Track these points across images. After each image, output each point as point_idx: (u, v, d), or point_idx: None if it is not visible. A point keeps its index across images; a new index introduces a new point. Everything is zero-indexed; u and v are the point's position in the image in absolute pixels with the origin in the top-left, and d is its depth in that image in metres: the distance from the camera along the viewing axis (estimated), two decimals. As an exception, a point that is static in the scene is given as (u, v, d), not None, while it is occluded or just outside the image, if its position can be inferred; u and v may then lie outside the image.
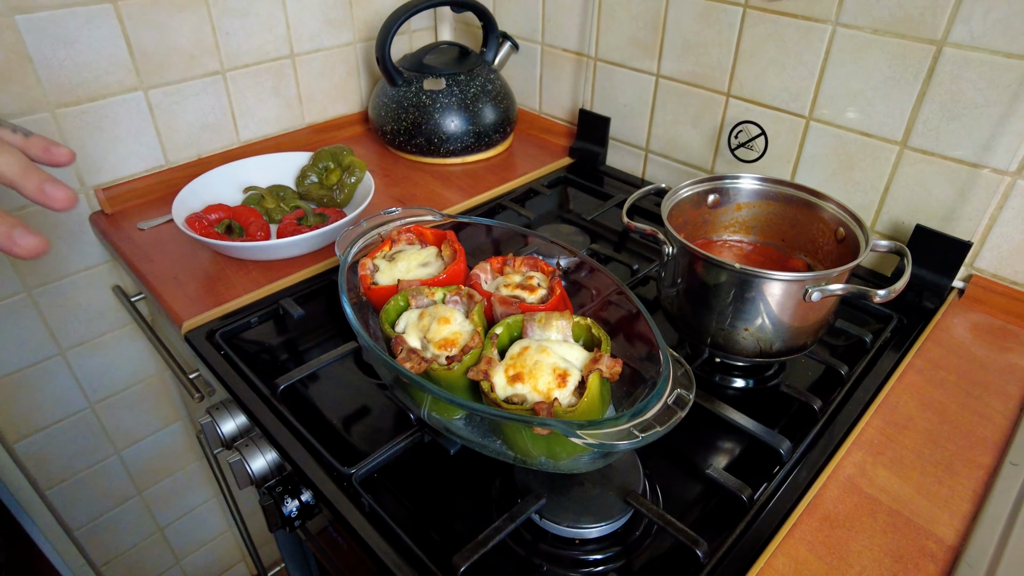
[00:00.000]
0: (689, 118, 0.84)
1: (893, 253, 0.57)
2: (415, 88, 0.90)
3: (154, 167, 0.87)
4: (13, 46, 0.72)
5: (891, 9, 0.64)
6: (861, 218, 0.58)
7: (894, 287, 0.51)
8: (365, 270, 0.57)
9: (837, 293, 0.52)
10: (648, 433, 0.40)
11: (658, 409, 0.41)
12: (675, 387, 0.43)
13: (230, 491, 0.86)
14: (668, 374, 0.43)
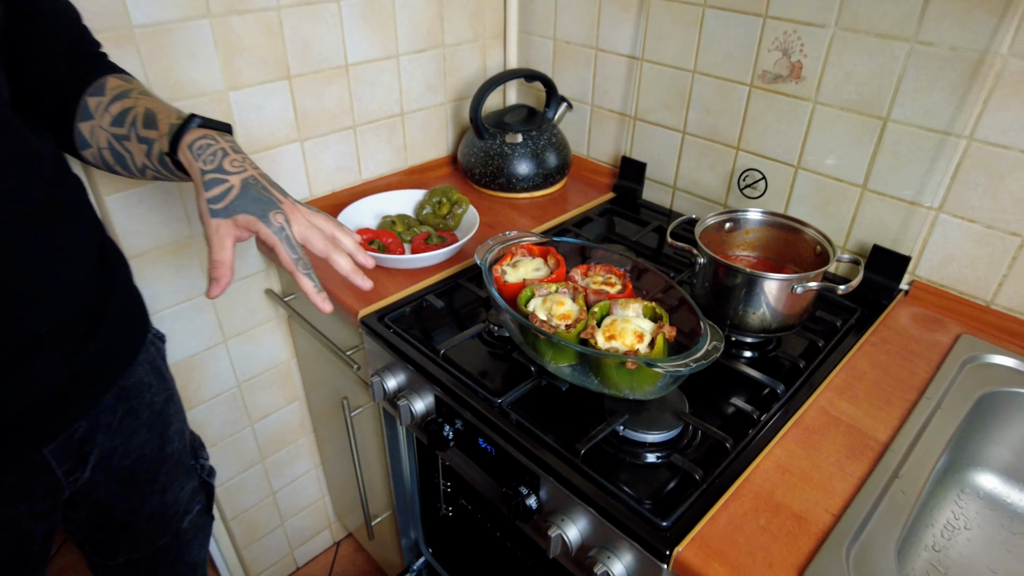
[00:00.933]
0: (708, 164, 1.13)
1: (852, 263, 0.85)
2: (499, 141, 1.19)
3: (302, 198, 1.15)
4: (225, 113, 1.00)
5: (853, 94, 0.92)
6: (831, 239, 0.86)
7: (851, 284, 0.79)
8: (497, 272, 0.84)
9: (812, 288, 0.80)
10: (697, 364, 0.67)
11: (704, 352, 0.68)
12: (713, 339, 0.70)
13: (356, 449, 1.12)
14: (707, 330, 0.71)
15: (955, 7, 0.80)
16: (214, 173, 0.59)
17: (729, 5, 1.00)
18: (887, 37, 0.87)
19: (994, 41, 0.79)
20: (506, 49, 1.32)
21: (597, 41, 1.19)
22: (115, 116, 0.62)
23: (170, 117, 0.62)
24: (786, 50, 0.97)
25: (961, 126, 0.85)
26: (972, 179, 0.86)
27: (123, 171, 0.66)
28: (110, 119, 0.62)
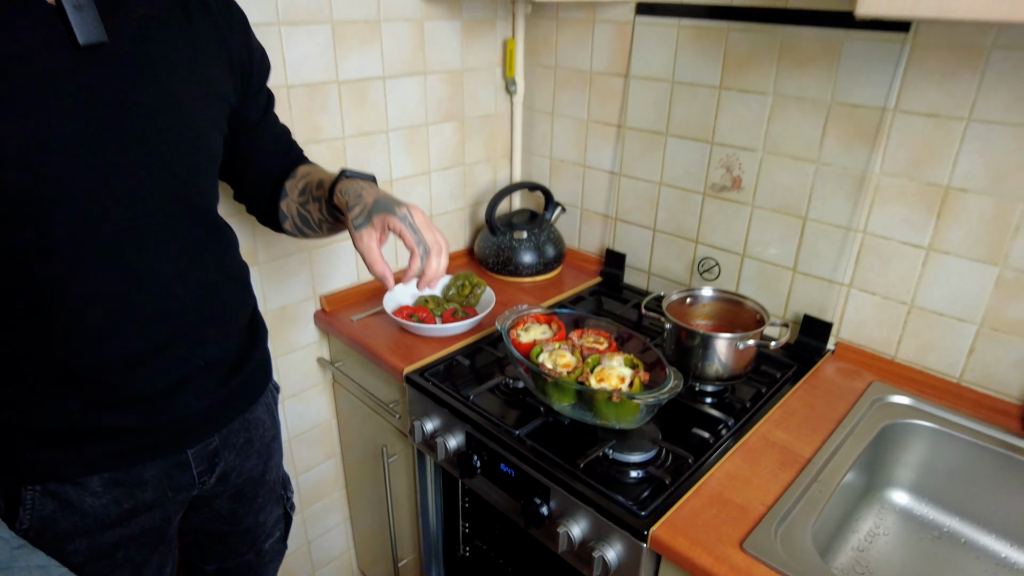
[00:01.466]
0: (674, 254, 1.42)
1: (783, 326, 1.12)
2: (508, 237, 1.48)
3: (352, 283, 1.42)
4: (297, 218, 1.29)
5: (780, 200, 1.22)
6: (768, 309, 1.13)
7: (780, 341, 1.06)
8: (513, 335, 1.10)
9: (752, 344, 1.06)
10: (663, 397, 0.92)
11: (668, 388, 0.94)
12: (675, 380, 0.96)
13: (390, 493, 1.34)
14: (671, 374, 0.96)
15: (841, 140, 1.12)
16: (354, 201, 0.81)
17: (684, 134, 1.32)
18: (799, 159, 1.18)
19: (870, 163, 1.10)
20: (512, 166, 1.64)
21: (585, 160, 1.52)
22: (300, 190, 0.89)
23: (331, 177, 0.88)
24: (729, 167, 1.28)
25: (857, 223, 1.14)
26: (869, 262, 1.15)
27: (308, 231, 0.93)
28: (297, 193, 0.89)
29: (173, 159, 0.72)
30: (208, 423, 0.83)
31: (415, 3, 1.32)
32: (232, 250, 0.85)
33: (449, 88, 1.45)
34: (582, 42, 1.42)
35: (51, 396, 0.70)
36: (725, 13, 1.18)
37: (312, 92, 1.21)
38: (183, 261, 0.75)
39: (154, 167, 0.70)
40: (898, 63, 1.03)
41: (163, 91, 0.69)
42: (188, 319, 0.77)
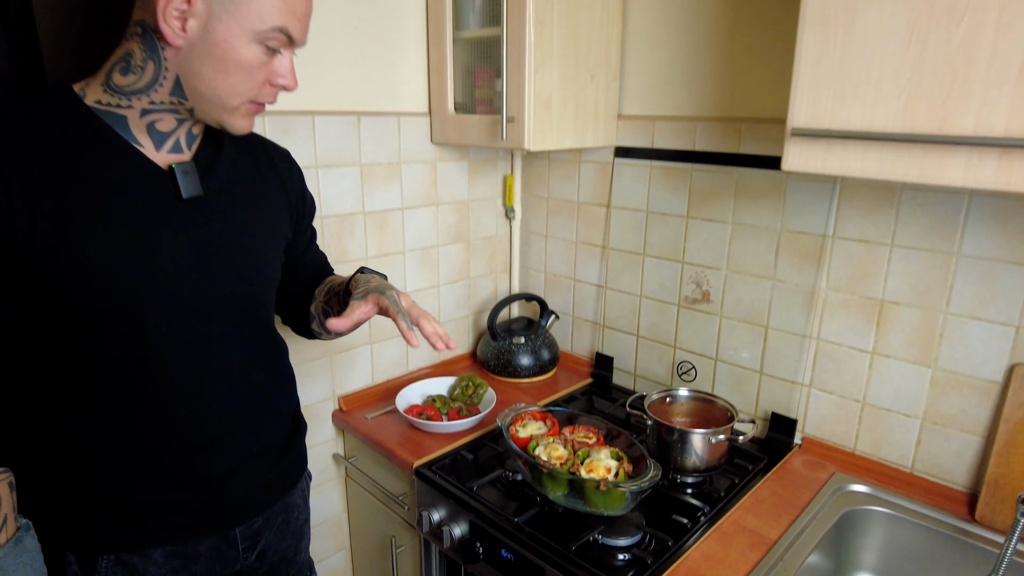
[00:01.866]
0: (656, 358, 1.58)
1: (750, 422, 1.26)
2: (507, 342, 1.65)
3: (367, 385, 1.58)
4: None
5: (744, 311, 1.41)
6: (736, 407, 1.28)
7: (747, 435, 1.20)
8: (513, 431, 1.25)
9: (723, 439, 1.21)
10: (644, 485, 1.05)
11: (649, 477, 1.07)
12: (655, 470, 1.09)
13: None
14: (651, 465, 1.10)
15: (792, 261, 1.32)
16: (362, 286, 0.93)
17: (659, 255, 1.52)
18: (758, 276, 1.37)
19: (818, 280, 1.29)
20: (511, 279, 1.85)
21: (575, 274, 1.72)
22: (325, 291, 1.05)
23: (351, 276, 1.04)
24: (698, 283, 1.47)
25: (811, 331, 1.32)
26: (825, 365, 1.31)
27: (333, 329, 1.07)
28: (323, 294, 1.06)
29: (245, 284, 0.91)
30: (254, 504, 0.96)
31: (430, 149, 1.57)
32: (283, 356, 1.02)
33: (457, 215, 1.67)
34: (570, 178, 1.66)
35: (132, 475, 0.84)
36: (688, 157, 1.42)
37: (342, 221, 1.43)
38: (246, 364, 0.92)
39: (231, 290, 0.88)
40: (832, 199, 1.25)
41: (240, 232, 0.90)
42: (247, 412, 0.92)
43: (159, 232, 0.80)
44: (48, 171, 0.73)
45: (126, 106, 0.79)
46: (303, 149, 1.32)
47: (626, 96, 1.52)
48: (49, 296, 0.75)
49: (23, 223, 0.71)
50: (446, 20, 1.45)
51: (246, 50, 0.77)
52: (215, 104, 0.80)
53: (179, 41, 0.76)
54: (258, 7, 0.76)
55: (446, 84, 1.49)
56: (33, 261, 0.73)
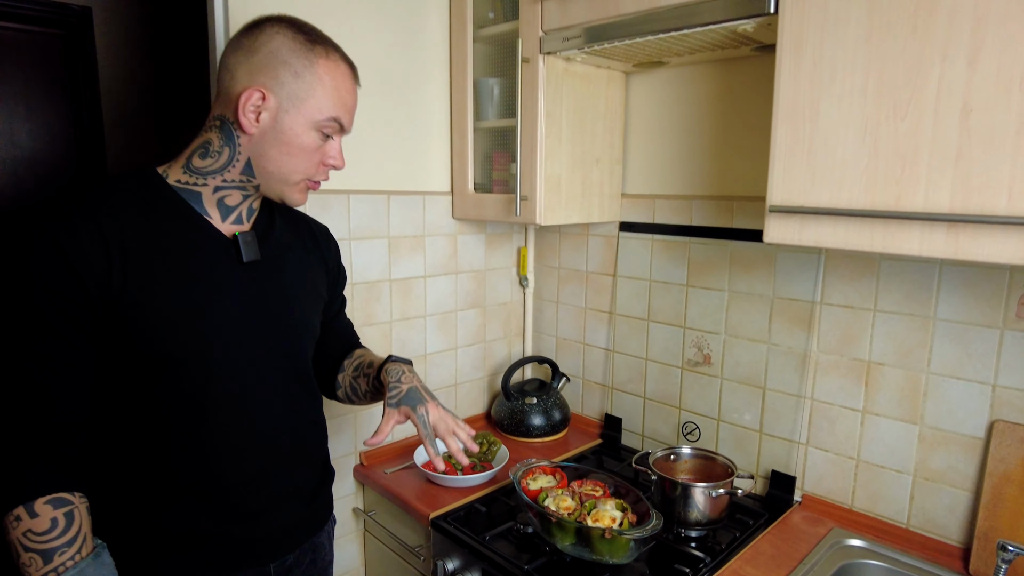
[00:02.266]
0: (662, 419, 1.67)
1: (749, 477, 1.33)
2: (521, 403, 1.75)
3: (387, 441, 1.67)
4: (348, 386, 1.57)
5: (743, 373, 1.50)
6: (736, 463, 1.35)
7: (746, 489, 1.27)
8: (524, 483, 1.33)
9: (723, 493, 1.28)
10: (646, 532, 1.12)
11: (651, 526, 1.14)
12: (656, 520, 1.16)
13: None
14: (653, 515, 1.17)
15: (784, 325, 1.42)
16: (395, 384, 1.07)
17: (662, 320, 1.63)
18: (754, 340, 1.47)
19: (809, 344, 1.39)
20: (524, 342, 1.96)
21: (584, 339, 1.83)
22: (354, 367, 1.19)
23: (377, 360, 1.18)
24: (700, 347, 1.57)
25: (805, 391, 1.40)
26: (819, 424, 1.39)
27: (356, 399, 1.21)
28: (352, 369, 1.19)
29: (293, 338, 1.04)
30: (288, 541, 1.05)
31: (451, 223, 1.72)
32: (318, 405, 1.13)
33: (474, 283, 1.81)
34: (579, 250, 1.80)
35: (187, 507, 0.94)
36: (686, 231, 1.55)
37: (370, 287, 1.56)
38: (290, 411, 1.03)
39: (280, 343, 1.01)
40: (818, 268, 1.36)
41: (288, 293, 1.03)
42: (286, 452, 1.03)
43: (224, 291, 0.94)
44: (139, 238, 0.88)
45: (202, 184, 0.95)
46: (339, 223, 1.48)
47: (628, 177, 1.67)
48: (132, 345, 0.88)
49: (117, 280, 0.85)
50: (468, 113, 1.63)
51: (306, 136, 0.94)
52: (279, 180, 0.96)
53: (253, 130, 0.92)
54: (317, 102, 0.93)
55: (467, 167, 1.66)
56: (122, 313, 0.86)
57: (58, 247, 0.82)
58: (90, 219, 0.85)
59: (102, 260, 0.84)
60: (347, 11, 1.45)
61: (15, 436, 0.83)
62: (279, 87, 0.91)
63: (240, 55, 0.92)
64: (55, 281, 0.82)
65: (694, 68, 1.51)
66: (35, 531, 0.80)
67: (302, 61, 0.92)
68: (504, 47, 1.63)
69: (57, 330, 0.84)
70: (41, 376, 0.83)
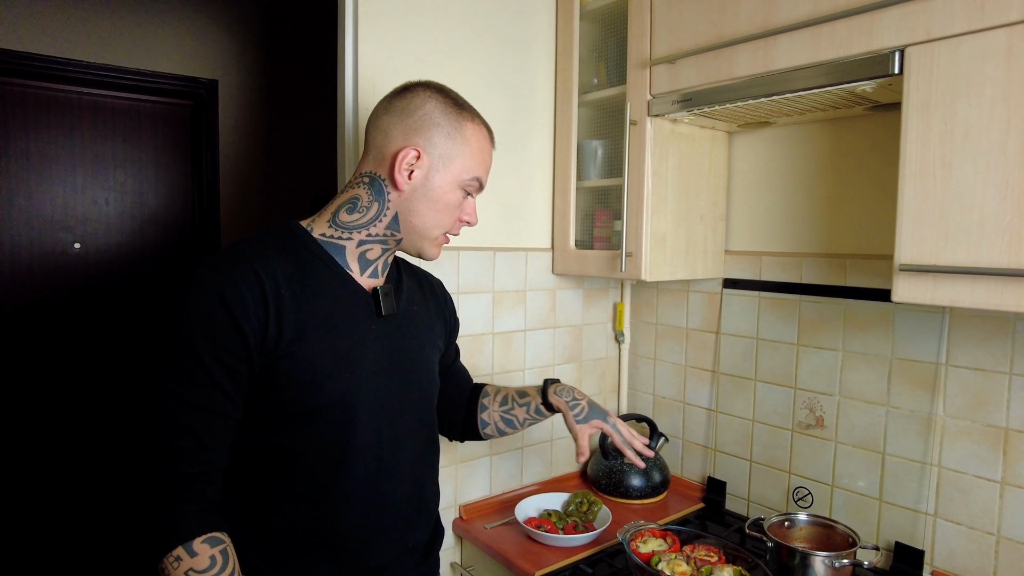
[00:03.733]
0: (770, 484, 1.60)
1: (874, 549, 1.26)
2: (619, 462, 1.72)
3: (485, 495, 1.67)
4: (450, 438, 1.60)
5: (859, 437, 1.43)
6: (858, 533, 1.28)
7: (872, 562, 1.20)
8: (634, 546, 1.29)
9: (847, 563, 1.21)
10: (772, 602, 1.07)
11: (775, 595, 1.09)
12: (780, 589, 1.11)
13: None
14: (777, 584, 1.12)
15: (905, 387, 1.36)
16: (573, 402, 1.23)
17: (771, 380, 1.59)
18: (872, 402, 1.41)
19: (934, 407, 1.32)
20: (620, 399, 1.94)
21: (684, 397, 1.80)
22: (500, 401, 1.27)
23: (529, 387, 1.29)
24: (812, 408, 1.52)
25: (932, 458, 1.33)
26: (949, 493, 1.31)
27: (510, 430, 1.27)
28: (498, 404, 1.26)
29: (422, 388, 1.07)
30: None
31: (551, 279, 1.76)
32: (438, 457, 1.15)
33: (571, 338, 1.82)
34: (679, 306, 1.80)
35: (312, 560, 0.96)
36: (796, 288, 1.53)
37: (474, 340, 1.60)
38: (415, 462, 1.06)
39: (411, 394, 1.05)
40: (942, 328, 1.31)
41: (416, 345, 1.08)
42: (408, 507, 1.05)
43: (365, 342, 0.99)
44: (291, 290, 0.92)
45: (347, 238, 1.00)
46: (448, 278, 1.54)
47: (732, 234, 1.67)
48: (281, 395, 0.91)
49: (273, 331, 0.89)
50: (571, 173, 1.68)
51: (452, 194, 1.00)
52: (421, 235, 1.01)
53: (406, 187, 0.97)
54: (464, 162, 1.00)
55: (568, 224, 1.70)
56: (275, 363, 0.90)
57: (221, 298, 0.86)
58: (249, 271, 0.89)
59: (260, 312, 0.88)
60: (467, 78, 1.55)
61: (169, 478, 0.85)
62: (432, 147, 0.97)
63: (394, 116, 0.98)
64: (218, 332, 0.86)
65: (802, 128, 1.52)
66: (196, 569, 0.83)
67: (453, 123, 0.98)
68: (607, 111, 1.69)
69: (215, 379, 0.87)
70: (196, 423, 0.86)
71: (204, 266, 0.90)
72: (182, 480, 0.86)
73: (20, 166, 2.50)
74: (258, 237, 0.97)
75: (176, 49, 2.76)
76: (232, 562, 0.87)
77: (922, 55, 1.02)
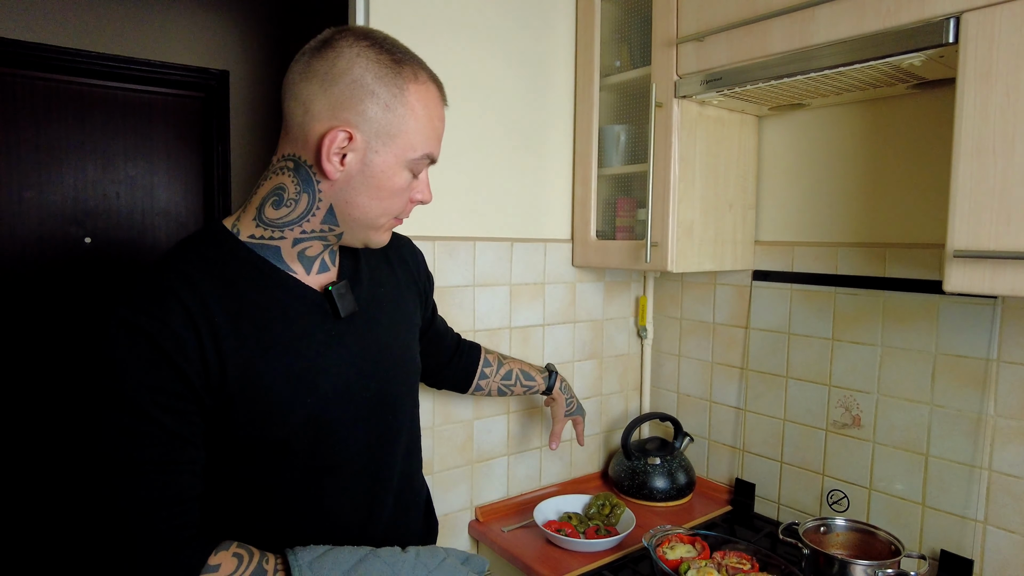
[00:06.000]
0: (802, 486, 1.52)
1: (920, 558, 1.17)
2: (643, 463, 1.64)
3: (502, 497, 1.60)
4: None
5: (899, 438, 1.34)
6: (901, 540, 1.20)
7: (919, 572, 1.12)
8: (660, 552, 1.22)
9: (890, 573, 1.13)
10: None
11: (816, 608, 1.01)
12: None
13: None
14: (817, 596, 1.04)
15: (951, 385, 1.27)
16: (570, 398, 1.41)
17: (803, 377, 1.51)
18: (914, 401, 1.33)
19: (984, 406, 1.23)
20: (642, 398, 1.86)
21: (710, 396, 1.72)
22: (503, 375, 1.31)
23: (534, 370, 1.38)
24: (847, 407, 1.43)
25: (982, 460, 1.24)
26: (1001, 499, 1.22)
27: (499, 396, 1.34)
28: (500, 377, 1.30)
29: (400, 382, 0.97)
30: None
31: (570, 271, 1.68)
32: (420, 444, 1.06)
33: (592, 333, 1.75)
34: (705, 300, 1.72)
35: None
36: (831, 280, 1.44)
37: (491, 335, 1.53)
38: (403, 458, 0.98)
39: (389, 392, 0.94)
40: (993, 321, 1.22)
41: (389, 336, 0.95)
42: (398, 506, 0.97)
43: (329, 355, 0.85)
44: (226, 314, 0.77)
45: (279, 237, 0.83)
46: (464, 269, 1.47)
47: (762, 223, 1.59)
48: (236, 431, 0.79)
49: (215, 366, 0.75)
50: (592, 160, 1.61)
51: (399, 176, 0.83)
52: (366, 226, 0.85)
53: (338, 175, 0.80)
54: (410, 138, 0.81)
55: (589, 214, 1.62)
56: (226, 401, 0.77)
57: (154, 344, 0.73)
58: (177, 304, 0.75)
59: (197, 349, 0.75)
60: (483, 63, 1.48)
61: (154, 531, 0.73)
62: (366, 124, 0.79)
63: (314, 85, 0.79)
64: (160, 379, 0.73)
65: (838, 109, 1.43)
66: (229, 574, 0.75)
67: (391, 89, 0.79)
68: (630, 94, 1.61)
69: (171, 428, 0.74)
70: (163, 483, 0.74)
71: (124, 307, 0.74)
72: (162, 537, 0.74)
73: (30, 159, 2.47)
74: (176, 255, 0.81)
75: (187, 40, 2.72)
76: (255, 549, 0.79)
77: (981, 21, 0.93)
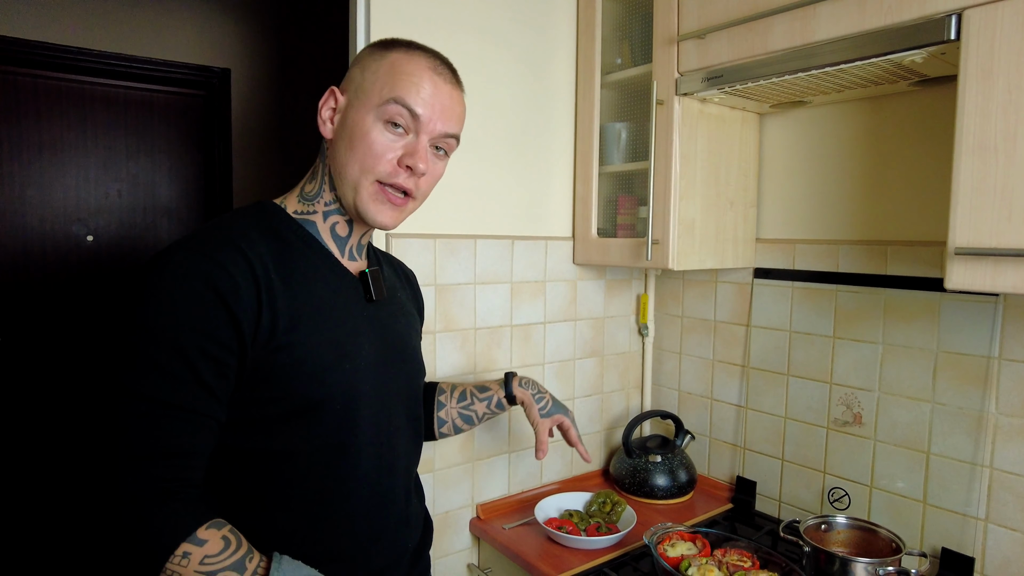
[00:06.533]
0: (803, 484, 1.52)
1: (920, 555, 1.17)
2: (644, 460, 1.64)
3: (503, 495, 1.60)
4: (467, 434, 1.53)
5: (900, 435, 1.34)
6: (902, 538, 1.20)
7: (919, 570, 1.11)
8: (661, 549, 1.22)
9: (892, 571, 1.13)
10: (814, 613, 0.99)
11: (816, 606, 1.01)
12: (822, 599, 1.03)
13: None
14: (818, 593, 1.04)
15: (952, 383, 1.27)
16: (538, 395, 1.24)
17: (805, 375, 1.51)
18: (915, 399, 1.33)
19: (985, 404, 1.23)
20: (643, 395, 1.86)
21: (711, 393, 1.72)
22: (458, 397, 1.21)
23: (489, 381, 1.25)
24: (848, 405, 1.43)
25: (983, 458, 1.24)
26: (1002, 497, 1.22)
27: (467, 427, 1.22)
28: (455, 400, 1.20)
29: (413, 378, 1.01)
30: None
31: (571, 269, 1.68)
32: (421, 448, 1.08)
33: (593, 331, 1.75)
34: (706, 297, 1.72)
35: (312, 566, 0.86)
36: (832, 278, 1.44)
37: (492, 333, 1.53)
38: (409, 455, 1.00)
39: (405, 384, 0.98)
40: (994, 319, 1.22)
41: (405, 330, 1.01)
42: (405, 504, 0.98)
43: (360, 330, 0.91)
44: (280, 275, 0.82)
45: (313, 212, 0.90)
46: (464, 267, 1.47)
47: (763, 221, 1.59)
48: (272, 391, 0.80)
49: (268, 319, 0.78)
50: (593, 157, 1.61)
51: (373, 129, 0.84)
52: (349, 185, 0.86)
53: (330, 134, 0.88)
54: (379, 86, 0.84)
55: (590, 212, 1.62)
56: (269, 356, 0.79)
57: (211, 284, 0.74)
58: (237, 252, 0.78)
59: (253, 299, 0.77)
60: (484, 60, 1.48)
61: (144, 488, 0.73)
62: (349, 84, 0.88)
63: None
64: (208, 323, 0.75)
65: (839, 107, 1.43)
66: (211, 554, 0.73)
67: (376, 57, 0.87)
68: (631, 92, 1.61)
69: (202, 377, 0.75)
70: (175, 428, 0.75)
71: (181, 249, 0.77)
72: (160, 486, 0.73)
73: (32, 157, 2.47)
74: (234, 216, 0.86)
75: (189, 38, 2.73)
76: (246, 542, 0.78)
77: (983, 18, 0.93)
